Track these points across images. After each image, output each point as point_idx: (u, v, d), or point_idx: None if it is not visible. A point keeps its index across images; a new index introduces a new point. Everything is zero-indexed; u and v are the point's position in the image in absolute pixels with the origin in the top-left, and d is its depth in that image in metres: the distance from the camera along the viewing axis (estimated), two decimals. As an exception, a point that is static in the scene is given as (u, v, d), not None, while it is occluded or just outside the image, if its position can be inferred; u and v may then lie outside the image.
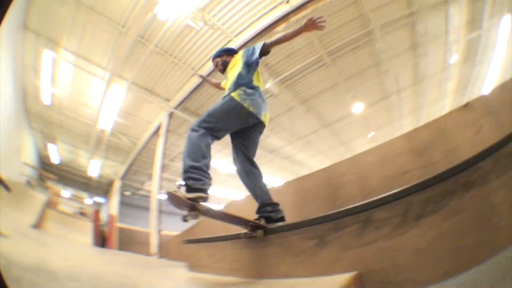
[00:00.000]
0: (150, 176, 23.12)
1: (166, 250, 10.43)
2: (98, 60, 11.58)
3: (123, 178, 22.66)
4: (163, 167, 12.14)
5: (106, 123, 14.87)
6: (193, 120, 13.51)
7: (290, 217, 4.59)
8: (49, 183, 23.78)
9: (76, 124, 16.86)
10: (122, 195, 24.69)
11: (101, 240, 19.47)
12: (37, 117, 17.14)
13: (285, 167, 21.81)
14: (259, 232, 3.08)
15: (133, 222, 26.60)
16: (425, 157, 3.42)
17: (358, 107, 14.12)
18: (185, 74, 11.28)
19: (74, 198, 32.63)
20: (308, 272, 2.54)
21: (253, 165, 3.62)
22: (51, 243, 5.79)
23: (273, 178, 22.60)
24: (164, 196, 6.24)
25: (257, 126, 3.61)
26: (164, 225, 12.56)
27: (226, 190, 25.60)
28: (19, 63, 12.32)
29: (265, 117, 3.59)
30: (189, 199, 2.68)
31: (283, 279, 2.68)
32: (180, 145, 17.33)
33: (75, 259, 3.74)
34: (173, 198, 2.68)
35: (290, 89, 12.41)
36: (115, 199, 23.22)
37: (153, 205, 11.49)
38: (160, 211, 11.68)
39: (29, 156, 20.36)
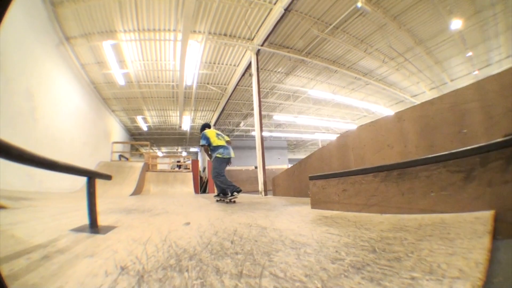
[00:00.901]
0: (243, 116, 23.95)
1: (273, 186, 10.47)
2: (164, 26, 11.77)
3: (216, 123, 23.62)
4: (260, 105, 12.13)
5: (190, 79, 15.38)
6: (282, 53, 13.32)
7: (415, 147, 4.25)
8: (143, 150, 25.89)
9: (159, 89, 17.98)
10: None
11: (202, 186, 20.93)
12: (116, 99, 19.11)
13: (380, 91, 20.79)
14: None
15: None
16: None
17: (453, 23, 12.46)
18: (263, 10, 10.76)
19: (170, 155, 35.33)
20: (450, 208, 2.41)
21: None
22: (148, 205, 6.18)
23: (367, 103, 21.84)
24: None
25: (230, 160, 7.42)
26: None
27: (319, 118, 25.57)
28: (77, 68, 13.71)
29: (232, 155, 7.48)
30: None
31: (426, 215, 2.53)
32: (271, 80, 17.38)
33: (192, 218, 3.79)
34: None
35: (380, 6, 11.28)
36: (211, 145, 24.43)
37: (258, 144, 11.63)
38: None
39: (118, 134, 22.71)
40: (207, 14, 10.99)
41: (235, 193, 6.53)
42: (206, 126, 7.82)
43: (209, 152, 7.29)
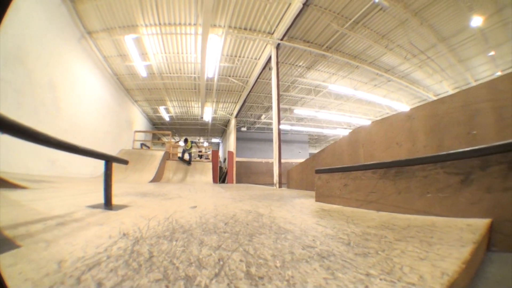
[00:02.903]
0: (264, 109, 24.12)
1: (287, 178, 10.62)
2: (184, 20, 12.04)
3: (238, 115, 23.87)
4: (279, 98, 12.31)
5: (212, 72, 15.61)
6: (302, 47, 13.41)
7: (423, 147, 4.27)
8: (165, 139, 26.48)
9: (181, 81, 18.41)
10: (238, 131, 26.36)
11: (221, 176, 21.31)
12: (138, 90, 19.71)
13: (402, 88, 20.47)
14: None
15: (250, 155, 28.65)
16: None
17: (474, 20, 12.14)
18: (282, 4, 10.87)
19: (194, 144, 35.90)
20: (445, 211, 2.37)
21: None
22: (162, 192, 6.35)
23: (390, 101, 21.62)
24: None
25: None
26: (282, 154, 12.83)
27: (341, 113, 25.42)
28: (99, 60, 14.23)
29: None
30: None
31: (420, 216, 2.53)
32: (293, 74, 17.55)
33: (202, 203, 4.02)
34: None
35: (400, 0, 11.17)
36: (232, 136, 24.78)
37: (275, 136, 11.81)
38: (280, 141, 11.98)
39: (140, 123, 23.35)
40: (226, 8, 11.17)
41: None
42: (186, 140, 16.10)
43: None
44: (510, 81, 3.21)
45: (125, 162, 3.90)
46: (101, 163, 3.20)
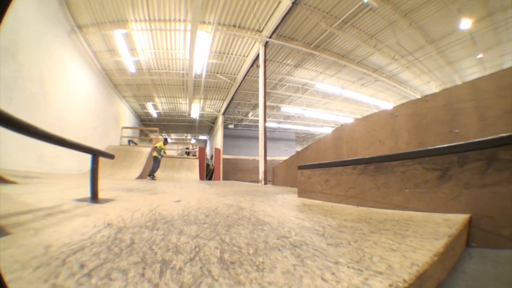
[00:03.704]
0: (252, 107, 24.19)
1: (272, 175, 10.79)
2: (174, 16, 12.05)
3: (225, 112, 23.92)
4: (265, 96, 12.41)
5: (200, 68, 15.56)
6: (291, 46, 13.52)
7: (405, 144, 4.40)
8: (152, 136, 26.46)
9: (170, 77, 18.36)
10: (225, 128, 26.40)
11: (208, 173, 21.33)
12: (126, 86, 19.56)
13: (390, 88, 20.78)
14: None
15: (236, 152, 28.73)
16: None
17: (463, 23, 12.34)
18: (272, 2, 10.96)
19: (178, 142, 35.87)
20: (423, 207, 2.42)
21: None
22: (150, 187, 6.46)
23: (377, 100, 21.86)
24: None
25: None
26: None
27: (328, 112, 25.58)
28: (88, 54, 14.12)
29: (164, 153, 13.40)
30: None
31: (398, 211, 2.58)
32: (280, 72, 17.61)
33: (186, 198, 4.10)
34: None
35: (389, 2, 11.32)
36: (219, 133, 24.80)
37: (261, 134, 11.93)
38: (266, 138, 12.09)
39: (128, 119, 23.21)
40: (216, 5, 11.21)
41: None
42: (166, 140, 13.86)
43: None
44: (493, 81, 3.32)
45: (111, 156, 3.97)
46: (88, 160, 3.28)
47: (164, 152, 13.32)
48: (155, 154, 12.50)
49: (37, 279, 0.97)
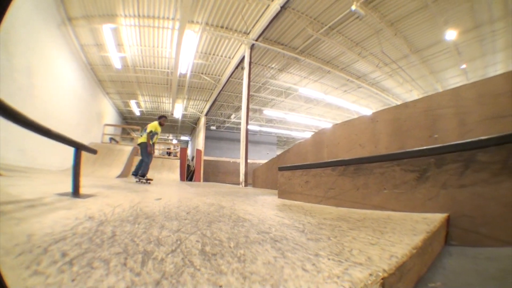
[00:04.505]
0: (235, 109, 24.16)
1: (252, 178, 10.83)
2: (163, 14, 11.93)
3: (208, 114, 23.84)
4: (249, 98, 12.48)
5: (185, 68, 15.46)
6: (276, 49, 13.60)
7: (385, 148, 4.49)
8: (134, 134, 26.17)
9: (154, 75, 18.12)
10: (208, 130, 26.30)
11: (189, 174, 21.16)
12: (111, 82, 19.16)
13: (372, 95, 21.09)
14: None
15: (218, 154, 28.63)
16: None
17: (449, 34, 12.65)
18: (260, 5, 11.02)
19: (160, 141, 35.57)
20: (402, 207, 2.50)
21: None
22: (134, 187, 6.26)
23: (359, 107, 22.14)
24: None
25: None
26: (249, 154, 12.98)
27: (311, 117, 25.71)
28: (76, 48, 13.81)
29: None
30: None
31: (377, 211, 2.65)
32: (265, 75, 17.64)
33: (166, 196, 4.12)
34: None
35: (377, 10, 11.54)
36: (201, 135, 24.67)
37: (242, 136, 11.98)
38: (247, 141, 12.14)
39: (110, 117, 22.85)
40: (205, 5, 11.16)
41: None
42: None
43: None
44: (474, 89, 3.44)
45: (94, 151, 3.95)
46: (69, 156, 3.26)
47: (156, 139, 8.90)
48: (142, 140, 8.54)
49: (19, 264, 0.99)
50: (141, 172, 8.28)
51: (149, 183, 8.29)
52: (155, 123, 8.76)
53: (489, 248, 1.74)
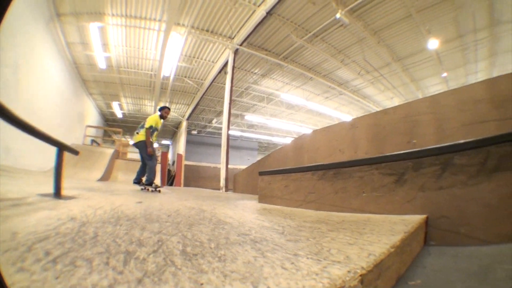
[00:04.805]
0: (216, 114, 24.12)
1: (233, 183, 10.90)
2: (150, 15, 11.84)
3: (190, 118, 23.75)
4: (231, 103, 12.54)
5: (168, 70, 15.44)
6: (260, 55, 13.71)
7: (364, 153, 4.58)
8: (115, 137, 25.87)
9: (138, 77, 17.94)
10: (189, 134, 26.15)
11: (170, 179, 20.94)
12: (95, 82, 18.86)
13: (353, 102, 21.42)
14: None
15: (199, 159, 28.51)
16: (504, 109, 3.14)
17: (431, 43, 12.98)
18: (246, 10, 11.10)
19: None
20: (381, 209, 2.57)
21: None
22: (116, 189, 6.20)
23: (340, 113, 22.40)
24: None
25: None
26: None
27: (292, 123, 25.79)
28: (62, 45, 13.56)
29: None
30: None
31: (356, 214, 2.72)
32: (247, 80, 17.72)
33: (147, 200, 4.14)
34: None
35: (361, 19, 11.77)
36: (182, 139, 24.49)
37: (223, 141, 12.01)
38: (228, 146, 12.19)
39: (92, 118, 22.47)
40: (192, 8, 11.18)
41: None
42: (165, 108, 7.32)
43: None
44: (454, 96, 3.58)
45: (76, 152, 3.95)
46: (51, 157, 3.25)
47: (156, 137, 7.27)
48: (140, 137, 6.83)
49: (5, 261, 1.01)
50: (147, 180, 6.70)
51: (159, 191, 6.79)
52: (155, 116, 7.02)
53: (469, 247, 1.82)
